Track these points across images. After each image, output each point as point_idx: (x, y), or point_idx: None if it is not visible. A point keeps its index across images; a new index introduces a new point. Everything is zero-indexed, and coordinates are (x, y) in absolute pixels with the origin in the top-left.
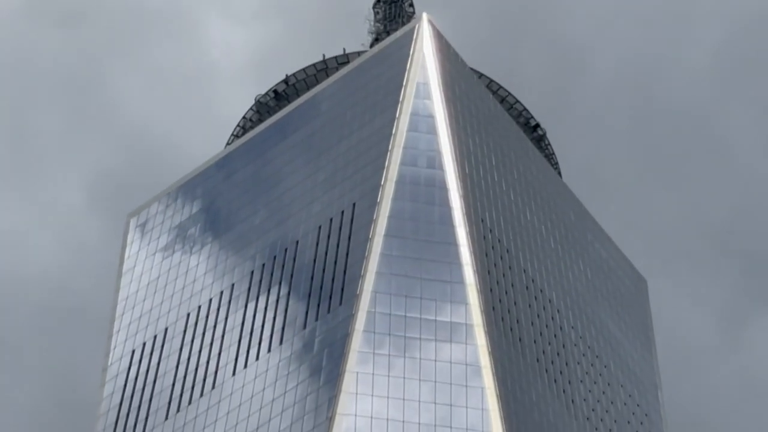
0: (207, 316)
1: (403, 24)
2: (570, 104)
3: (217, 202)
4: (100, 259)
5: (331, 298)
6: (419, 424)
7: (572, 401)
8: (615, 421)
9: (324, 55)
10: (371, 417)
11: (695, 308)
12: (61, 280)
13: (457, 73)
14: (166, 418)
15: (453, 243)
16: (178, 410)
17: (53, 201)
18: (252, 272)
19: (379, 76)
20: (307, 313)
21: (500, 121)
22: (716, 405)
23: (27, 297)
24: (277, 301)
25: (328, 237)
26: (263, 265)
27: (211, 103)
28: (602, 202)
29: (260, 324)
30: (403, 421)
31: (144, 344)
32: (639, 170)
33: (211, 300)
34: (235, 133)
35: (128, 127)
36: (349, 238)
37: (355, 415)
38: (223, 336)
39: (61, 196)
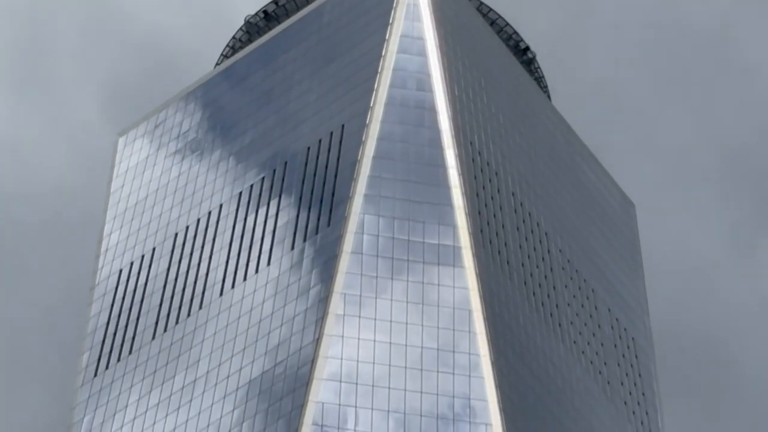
0: (195, 236)
1: None
2: (573, 27)
3: (205, 122)
4: (108, 172)
5: (319, 219)
6: (406, 346)
7: (559, 325)
8: (602, 345)
9: None
10: (358, 338)
11: (698, 231)
12: (71, 193)
13: None
14: (153, 337)
15: (442, 165)
16: (165, 330)
17: (64, 112)
18: (240, 192)
19: None
20: (295, 233)
21: (490, 44)
22: (707, 329)
23: (35, 210)
24: (265, 221)
25: (317, 158)
26: (251, 185)
27: (221, 13)
28: (592, 126)
29: (248, 244)
30: (390, 343)
31: (132, 264)
32: (646, 93)
33: (198, 220)
34: (224, 53)
35: (141, 39)
36: (338, 159)
37: (342, 337)
38: (210, 256)
39: (72, 108)
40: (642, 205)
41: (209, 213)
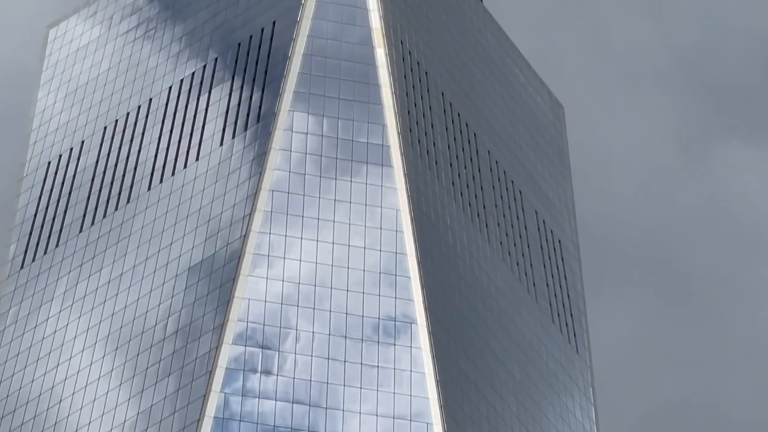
0: (124, 130)
1: None
2: None
3: (137, 16)
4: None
5: (248, 115)
6: (333, 243)
7: (486, 225)
8: (528, 246)
9: None
10: (285, 236)
11: (640, 133)
12: (3, 84)
13: None
14: (81, 230)
15: (372, 64)
16: (93, 223)
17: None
18: (170, 87)
19: None
20: (224, 129)
21: None
22: (633, 231)
23: None
24: (195, 116)
25: (248, 54)
26: (181, 80)
27: None
28: (523, 28)
29: (177, 139)
30: (317, 241)
31: (60, 156)
32: None
33: (128, 114)
34: None
35: None
36: (269, 56)
37: (269, 234)
38: (139, 150)
39: None
40: (573, 108)
41: (138, 107)
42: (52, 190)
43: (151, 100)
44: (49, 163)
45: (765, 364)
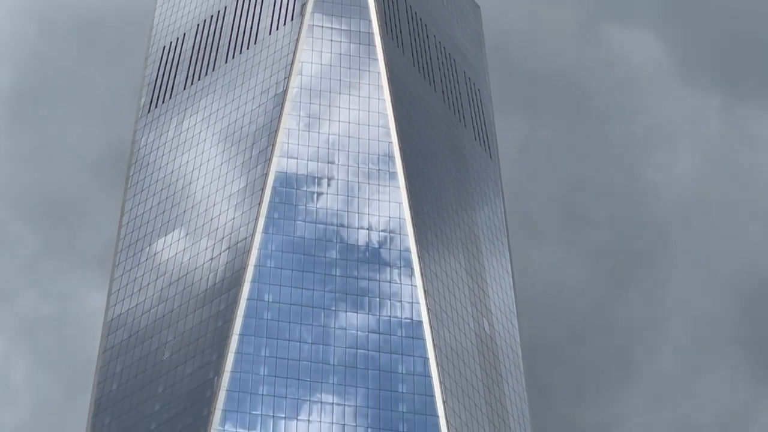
0: (215, 24)
1: None
2: None
3: None
4: None
5: (287, 15)
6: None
7: (433, 80)
8: (459, 92)
9: None
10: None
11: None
12: None
13: None
14: (184, 87)
15: None
16: (192, 82)
17: None
18: None
19: None
20: (271, 24)
21: None
22: (541, 78)
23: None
24: (256, 16)
25: None
26: None
27: None
28: None
29: (245, 29)
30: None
31: (177, 38)
32: None
33: (215, 13)
34: None
35: None
36: None
37: (301, 75)
38: (221, 34)
39: None
40: (489, 7)
41: (224, 7)
42: (171, 60)
43: (229, 4)
44: (170, 42)
45: (636, 147)
